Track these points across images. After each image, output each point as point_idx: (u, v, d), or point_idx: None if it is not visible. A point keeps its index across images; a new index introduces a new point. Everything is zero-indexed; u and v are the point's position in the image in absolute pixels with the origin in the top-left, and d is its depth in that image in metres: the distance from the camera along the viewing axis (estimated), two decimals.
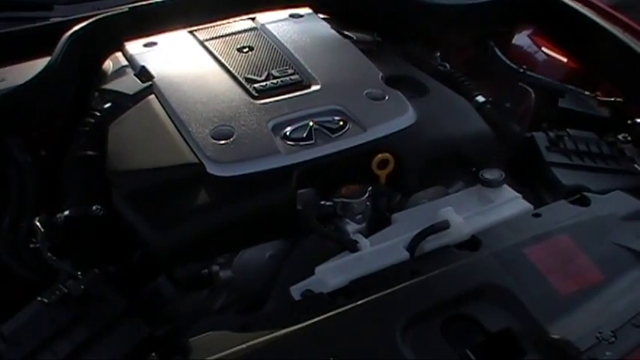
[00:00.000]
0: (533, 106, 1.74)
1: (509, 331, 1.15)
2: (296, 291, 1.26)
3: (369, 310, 1.15)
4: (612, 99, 1.83)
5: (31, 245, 1.36)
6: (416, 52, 1.89)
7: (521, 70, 1.88)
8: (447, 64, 1.87)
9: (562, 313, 1.18)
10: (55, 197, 1.43)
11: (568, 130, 1.66)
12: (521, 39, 2.05)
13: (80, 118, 1.56)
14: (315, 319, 1.13)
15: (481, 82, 1.85)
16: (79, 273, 1.25)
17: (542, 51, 1.99)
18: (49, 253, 1.29)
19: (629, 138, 1.70)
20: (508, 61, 1.93)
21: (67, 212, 1.35)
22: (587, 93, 1.84)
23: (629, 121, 1.76)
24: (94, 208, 1.36)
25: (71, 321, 1.19)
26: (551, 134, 1.63)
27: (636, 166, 1.63)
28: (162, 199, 1.34)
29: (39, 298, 1.20)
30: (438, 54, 1.91)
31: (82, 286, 1.21)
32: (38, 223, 1.32)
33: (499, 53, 1.96)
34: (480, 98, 1.74)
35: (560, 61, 1.96)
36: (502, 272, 1.23)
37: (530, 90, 1.77)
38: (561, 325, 1.16)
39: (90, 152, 1.47)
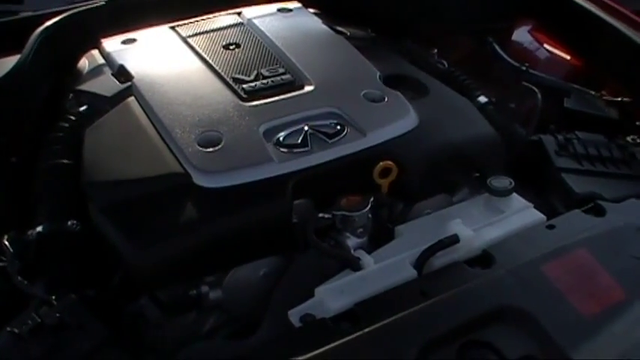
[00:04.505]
0: (540, 107, 1.64)
1: (530, 358, 1.06)
2: (295, 315, 1.15)
3: (379, 339, 1.05)
4: (619, 99, 1.74)
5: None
6: (412, 49, 1.79)
7: (524, 69, 1.78)
8: (445, 62, 1.77)
9: (586, 337, 1.10)
10: (26, 210, 1.31)
11: (577, 132, 1.57)
12: (522, 35, 1.96)
13: (53, 121, 1.45)
14: (320, 350, 1.02)
15: (481, 81, 1.75)
16: (53, 298, 1.14)
17: (545, 48, 1.90)
18: (19, 277, 1.17)
19: (638, 140, 1.62)
20: (509, 59, 1.83)
21: (39, 228, 1.24)
22: (592, 92, 1.75)
23: (637, 123, 1.68)
24: (70, 223, 1.25)
25: (45, 354, 1.08)
26: (560, 137, 1.54)
27: None
28: (143, 213, 1.23)
29: (8, 329, 1.09)
30: (436, 51, 1.81)
31: (57, 314, 1.10)
32: (7, 242, 1.20)
33: (499, 50, 1.86)
34: (482, 99, 1.64)
35: (564, 58, 1.87)
36: (520, 293, 1.14)
37: (536, 90, 1.67)
38: (586, 350, 1.08)
39: (64, 161, 1.36)
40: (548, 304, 1.13)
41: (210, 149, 1.29)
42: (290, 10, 1.77)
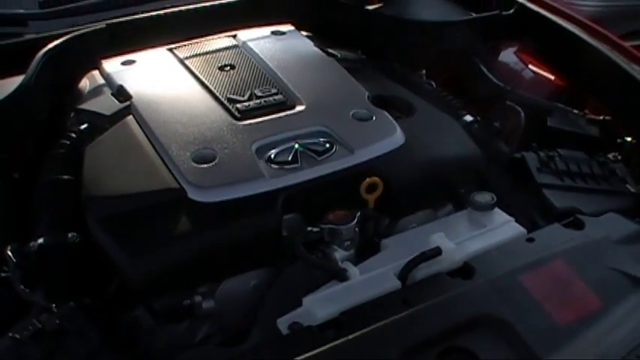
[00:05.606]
0: (523, 126, 1.69)
1: None
2: (283, 323, 1.20)
3: (362, 345, 1.10)
4: (601, 117, 1.79)
5: (2, 274, 1.28)
6: (401, 70, 1.85)
7: (508, 89, 1.83)
8: (433, 83, 1.83)
9: (561, 344, 1.14)
10: (27, 223, 1.36)
11: (559, 150, 1.62)
12: (508, 56, 2.01)
13: (55, 139, 1.50)
14: (306, 356, 1.07)
15: (467, 100, 1.80)
16: (53, 305, 1.18)
17: (529, 68, 1.95)
18: (21, 285, 1.21)
19: (619, 157, 1.67)
20: (494, 79, 1.89)
21: (40, 240, 1.28)
22: (575, 111, 1.80)
23: (618, 140, 1.72)
24: (70, 235, 1.29)
25: (44, 357, 1.12)
26: (542, 154, 1.58)
27: (628, 186, 1.59)
28: (140, 226, 1.27)
29: (10, 334, 1.13)
30: (424, 72, 1.87)
31: (57, 321, 1.14)
32: (9, 253, 1.25)
33: (485, 70, 1.92)
34: (468, 117, 1.70)
35: (548, 78, 1.92)
36: (497, 302, 1.18)
37: (520, 109, 1.73)
38: (561, 356, 1.11)
39: (65, 176, 1.40)
40: (525, 312, 1.17)
41: (205, 165, 1.33)
42: (283, 33, 1.82)
